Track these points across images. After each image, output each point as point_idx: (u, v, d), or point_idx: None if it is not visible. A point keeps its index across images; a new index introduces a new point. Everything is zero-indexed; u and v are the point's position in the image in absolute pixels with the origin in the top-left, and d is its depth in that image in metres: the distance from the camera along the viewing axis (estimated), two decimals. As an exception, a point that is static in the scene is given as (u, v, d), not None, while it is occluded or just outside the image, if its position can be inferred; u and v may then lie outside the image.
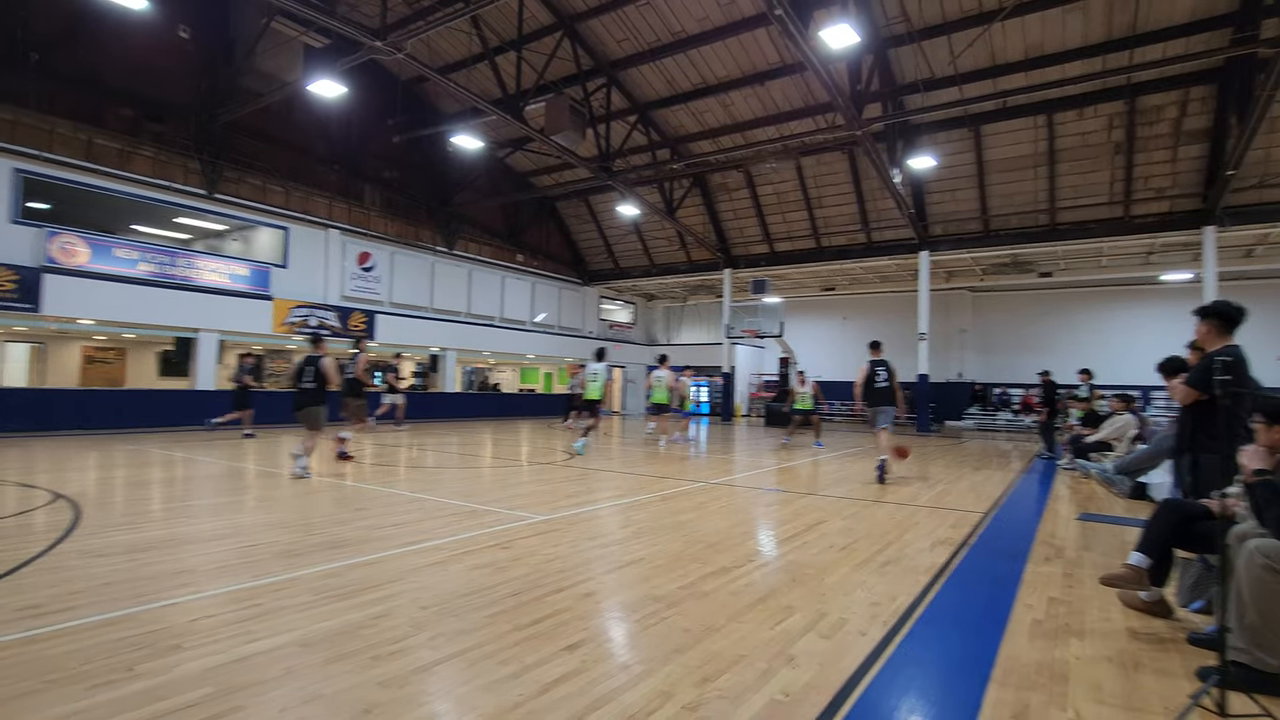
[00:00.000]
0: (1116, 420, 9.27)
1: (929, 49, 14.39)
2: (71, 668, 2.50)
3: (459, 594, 3.48)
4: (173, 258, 14.57)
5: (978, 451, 13.24)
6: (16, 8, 12.38)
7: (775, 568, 4.17)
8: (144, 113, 14.42)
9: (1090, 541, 5.16)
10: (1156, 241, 17.29)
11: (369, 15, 14.57)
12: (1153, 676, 2.68)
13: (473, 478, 8.01)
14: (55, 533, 4.64)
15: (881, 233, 20.23)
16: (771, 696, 2.39)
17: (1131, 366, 20.71)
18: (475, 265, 22.06)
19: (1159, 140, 15.36)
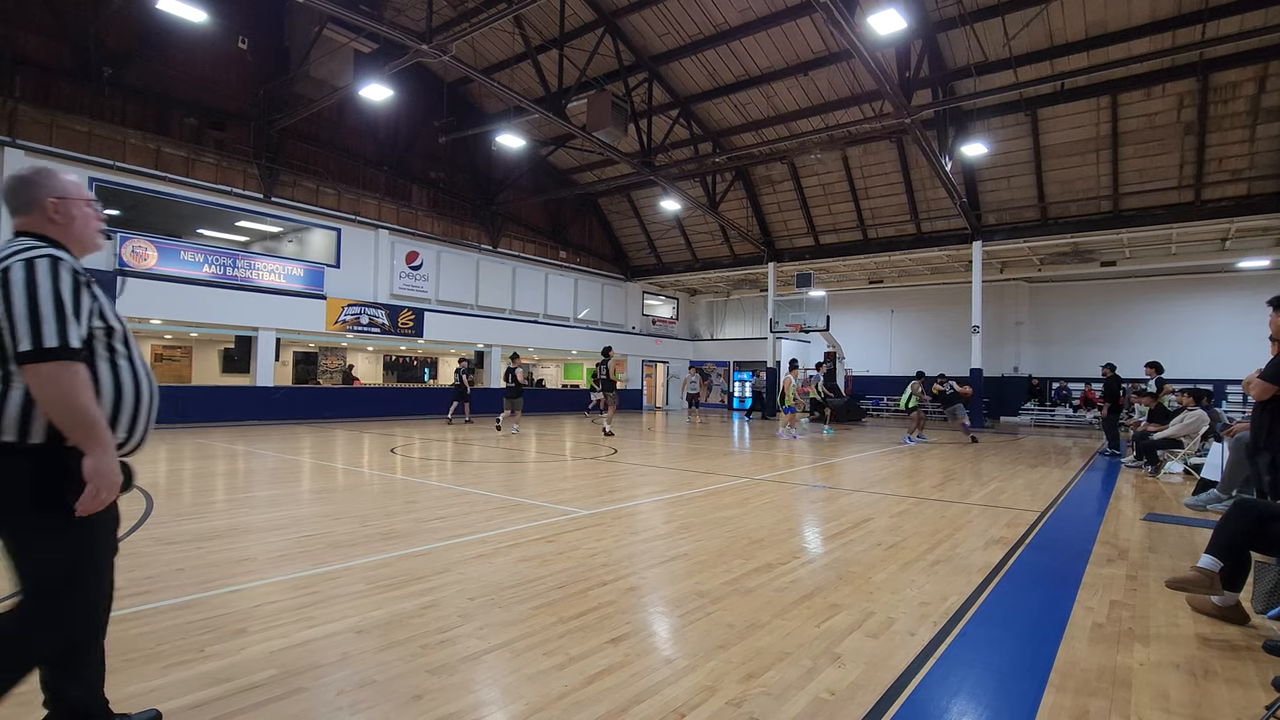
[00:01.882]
0: (1187, 416, 8.79)
1: (982, 31, 13.88)
2: (148, 648, 2.65)
3: (505, 586, 3.55)
4: (234, 259, 15.24)
5: (1034, 448, 12.76)
6: (90, 25, 13.11)
7: (820, 565, 4.12)
8: (207, 121, 15.10)
9: (1156, 543, 4.92)
10: (1232, 226, 16.29)
11: (415, 19, 14.90)
12: (1225, 685, 2.54)
13: (517, 472, 8.15)
14: (130, 521, 4.92)
15: (932, 223, 19.65)
16: (816, 694, 2.37)
17: (1203, 359, 19.68)
18: (519, 263, 22.37)
19: (1234, 119, 14.46)
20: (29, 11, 12.73)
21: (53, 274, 1.66)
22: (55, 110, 12.93)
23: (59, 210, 1.85)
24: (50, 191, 1.84)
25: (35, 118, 12.72)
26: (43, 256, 1.67)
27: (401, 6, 14.62)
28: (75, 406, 1.62)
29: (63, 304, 1.65)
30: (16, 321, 1.60)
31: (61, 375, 1.61)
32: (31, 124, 12.67)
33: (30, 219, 1.83)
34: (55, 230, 1.85)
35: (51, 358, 1.60)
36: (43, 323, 1.60)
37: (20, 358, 1.60)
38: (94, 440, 1.66)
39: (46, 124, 12.87)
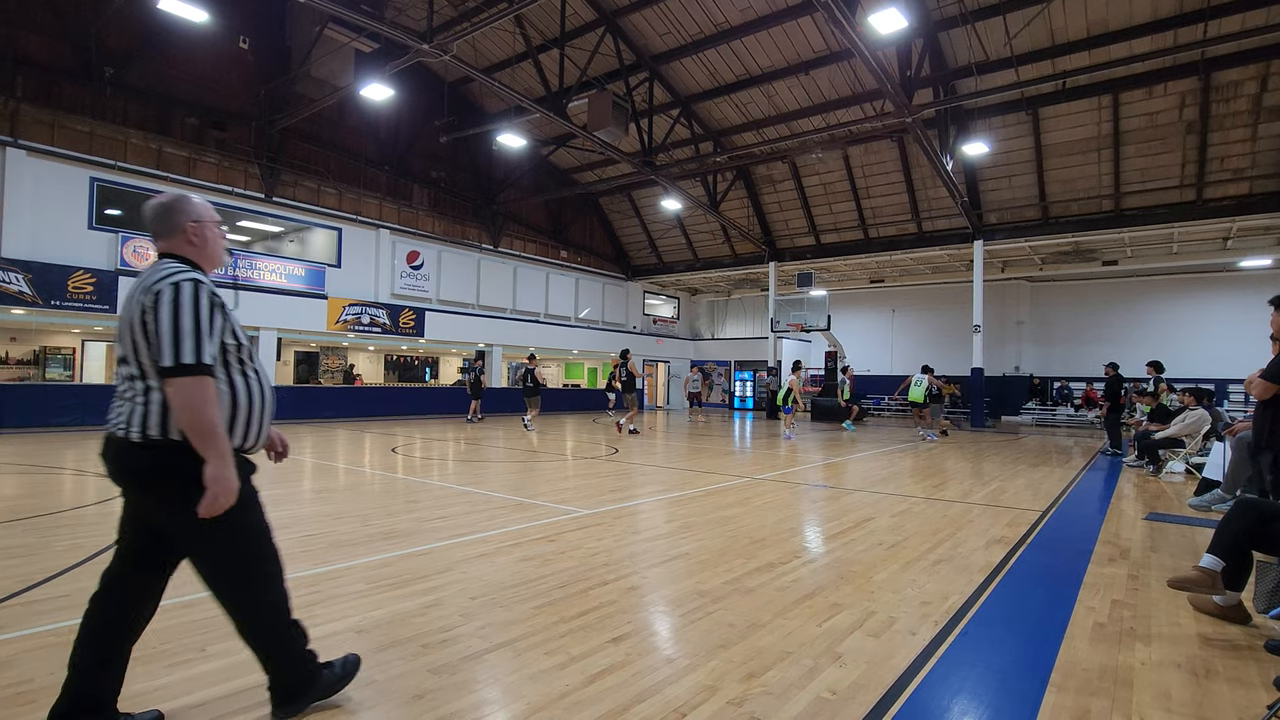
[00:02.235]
0: (1188, 416, 8.78)
1: (983, 30, 13.86)
2: (152, 646, 2.66)
3: (506, 585, 3.55)
4: (235, 259, 15.25)
5: (1036, 447, 12.76)
6: (92, 25, 13.12)
7: (822, 564, 4.12)
8: (208, 121, 15.12)
9: (1158, 542, 4.92)
10: (1234, 226, 16.27)
11: (416, 19, 14.91)
12: (1227, 685, 2.54)
13: (519, 471, 8.15)
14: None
15: (933, 222, 19.64)
16: (818, 694, 2.37)
17: (1204, 358, 19.66)
18: (520, 262, 22.38)
19: (1236, 118, 14.43)
20: (30, 12, 12.74)
21: (194, 297, 1.88)
22: (57, 110, 12.94)
23: (196, 234, 2.08)
24: (189, 217, 2.07)
25: (37, 118, 12.74)
26: (187, 281, 1.90)
27: (402, 6, 14.63)
28: (202, 417, 1.85)
29: (200, 324, 1.87)
30: (162, 338, 1.83)
31: (194, 388, 1.84)
32: (33, 124, 12.69)
33: (172, 242, 2.05)
34: (192, 252, 2.07)
35: (187, 373, 1.83)
36: (182, 341, 1.83)
37: (161, 372, 1.84)
38: (214, 450, 1.87)
39: (48, 124, 12.89)
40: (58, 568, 3.71)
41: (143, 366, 1.90)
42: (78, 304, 12.68)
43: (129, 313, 1.91)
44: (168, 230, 2.05)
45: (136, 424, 1.89)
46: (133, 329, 1.89)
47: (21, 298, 12.03)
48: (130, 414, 1.91)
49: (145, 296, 1.88)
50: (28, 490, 6.18)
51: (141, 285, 1.92)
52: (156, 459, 1.90)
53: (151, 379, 1.89)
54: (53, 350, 17.27)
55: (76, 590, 3.34)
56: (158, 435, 1.88)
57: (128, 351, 1.92)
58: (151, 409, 1.89)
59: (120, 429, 1.91)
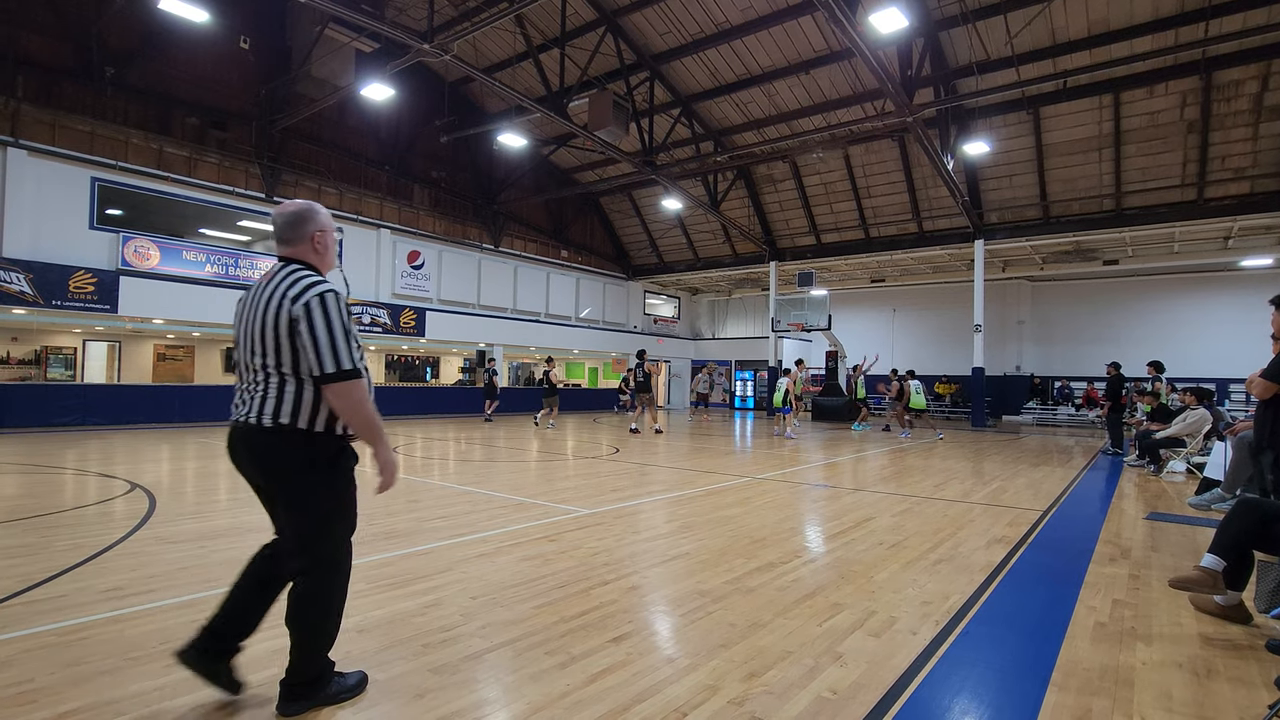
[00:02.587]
0: (1189, 415, 8.78)
1: (984, 29, 13.86)
2: (152, 646, 2.66)
3: (507, 585, 3.55)
4: (236, 259, 15.26)
5: (1037, 447, 12.75)
6: (93, 25, 13.12)
7: (822, 564, 4.12)
8: (209, 121, 15.12)
9: (1159, 542, 4.92)
10: (1235, 225, 16.25)
11: (416, 19, 14.91)
12: (1228, 685, 2.54)
13: (519, 471, 8.15)
14: (133, 520, 4.93)
15: (934, 222, 19.63)
16: (818, 694, 2.37)
17: (1205, 358, 19.64)
18: (520, 262, 22.38)
19: (1237, 117, 14.42)
20: (31, 12, 12.75)
21: (339, 309, 2.07)
22: (58, 110, 12.95)
23: (320, 242, 2.26)
24: (317, 226, 2.24)
25: (38, 118, 12.75)
26: (330, 293, 2.09)
27: (403, 6, 14.63)
28: (364, 414, 2.09)
29: (347, 332, 2.08)
30: (320, 348, 2.03)
31: (354, 390, 2.06)
32: (34, 124, 12.70)
33: (299, 249, 2.22)
34: (315, 258, 2.25)
35: (346, 377, 2.05)
36: (338, 350, 2.04)
37: (323, 379, 2.04)
38: (378, 439, 2.13)
39: (49, 124, 12.90)
40: (59, 567, 3.71)
41: (280, 365, 2.09)
42: (79, 304, 12.69)
43: (268, 317, 2.07)
44: (297, 238, 2.21)
45: (269, 412, 2.08)
46: (276, 334, 2.06)
47: (23, 297, 12.04)
48: (262, 404, 2.10)
49: (294, 307, 2.04)
50: (29, 490, 6.19)
51: (281, 294, 2.08)
52: (284, 439, 2.09)
53: (288, 374, 2.09)
54: (54, 350, 17.28)
55: (77, 590, 3.34)
56: (287, 422, 2.08)
57: (266, 352, 2.09)
58: (284, 400, 2.08)
59: (252, 418, 2.10)
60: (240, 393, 2.18)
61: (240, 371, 2.19)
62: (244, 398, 2.15)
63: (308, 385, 2.10)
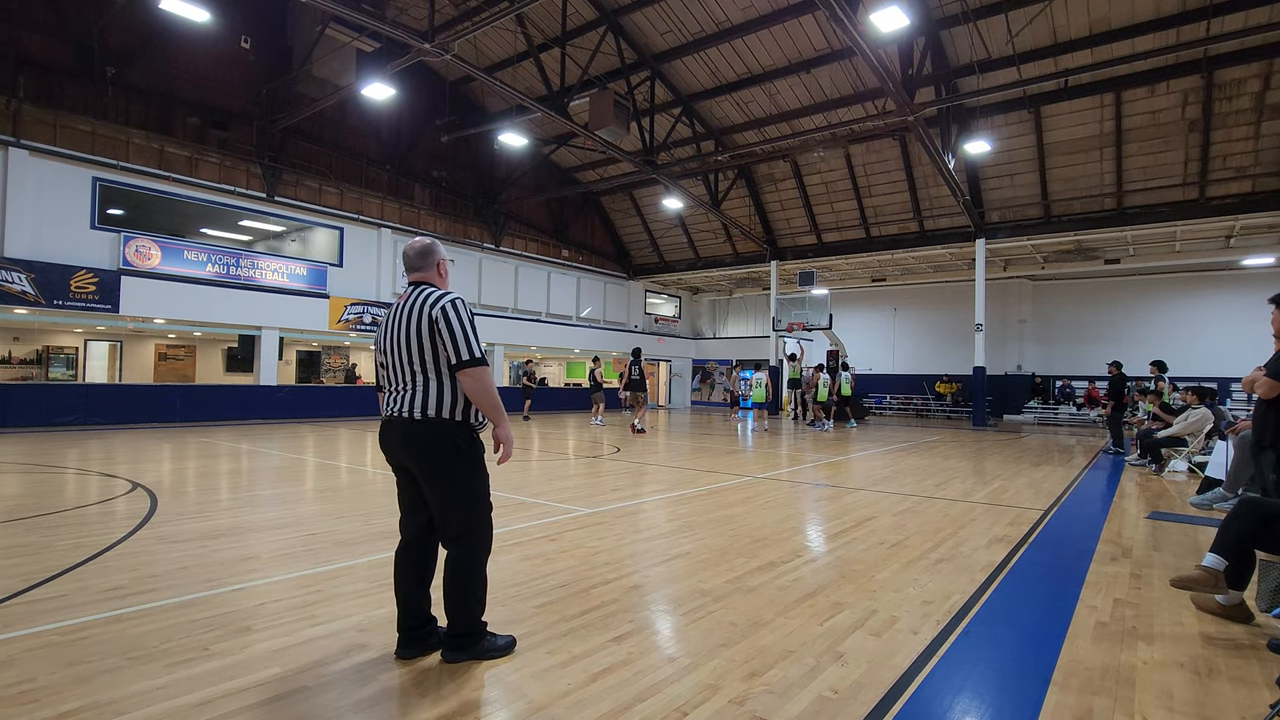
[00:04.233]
0: (1191, 415, 8.77)
1: (985, 29, 13.85)
2: (152, 646, 2.66)
3: (508, 584, 3.55)
4: (237, 259, 15.27)
5: (1038, 446, 12.74)
6: (94, 25, 13.13)
7: (823, 564, 4.11)
8: (210, 121, 15.13)
9: (1160, 541, 4.91)
10: (1237, 224, 16.24)
11: (417, 19, 14.92)
12: (1229, 684, 2.53)
13: (521, 470, 8.15)
14: (135, 519, 4.94)
15: (935, 221, 19.62)
16: (819, 693, 2.37)
17: (1207, 357, 19.61)
18: (521, 261, 22.38)
19: (1239, 116, 14.40)
20: (33, 12, 12.76)
21: (467, 310, 2.56)
22: (59, 110, 12.96)
23: (443, 269, 2.77)
24: (440, 256, 2.75)
25: (39, 118, 12.76)
26: (459, 298, 2.57)
27: (404, 5, 14.64)
28: (491, 395, 2.53)
29: (474, 329, 2.54)
30: (457, 341, 2.48)
31: (483, 376, 2.50)
32: (35, 124, 12.71)
33: (428, 275, 2.71)
34: (440, 281, 2.73)
35: (476, 364, 2.48)
36: (471, 342, 2.50)
37: (459, 365, 2.48)
38: (502, 417, 2.58)
39: (50, 124, 12.90)
40: (60, 567, 3.72)
41: (424, 366, 2.53)
42: (80, 304, 12.70)
43: (413, 324, 2.52)
44: (427, 265, 2.71)
45: (419, 406, 2.51)
46: (420, 338, 2.51)
47: (24, 297, 12.05)
48: (412, 400, 2.53)
49: (434, 311, 2.50)
50: (30, 489, 6.19)
51: (421, 305, 2.53)
52: (433, 428, 2.50)
53: (430, 375, 2.53)
54: (55, 350, 17.30)
55: (78, 589, 3.35)
56: (434, 413, 2.50)
57: (411, 356, 2.54)
58: (430, 395, 2.52)
59: (405, 412, 2.53)
60: (391, 394, 2.63)
61: (390, 376, 2.64)
62: (395, 398, 2.60)
63: (448, 382, 2.52)
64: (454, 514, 2.53)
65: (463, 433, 2.54)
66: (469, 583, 2.54)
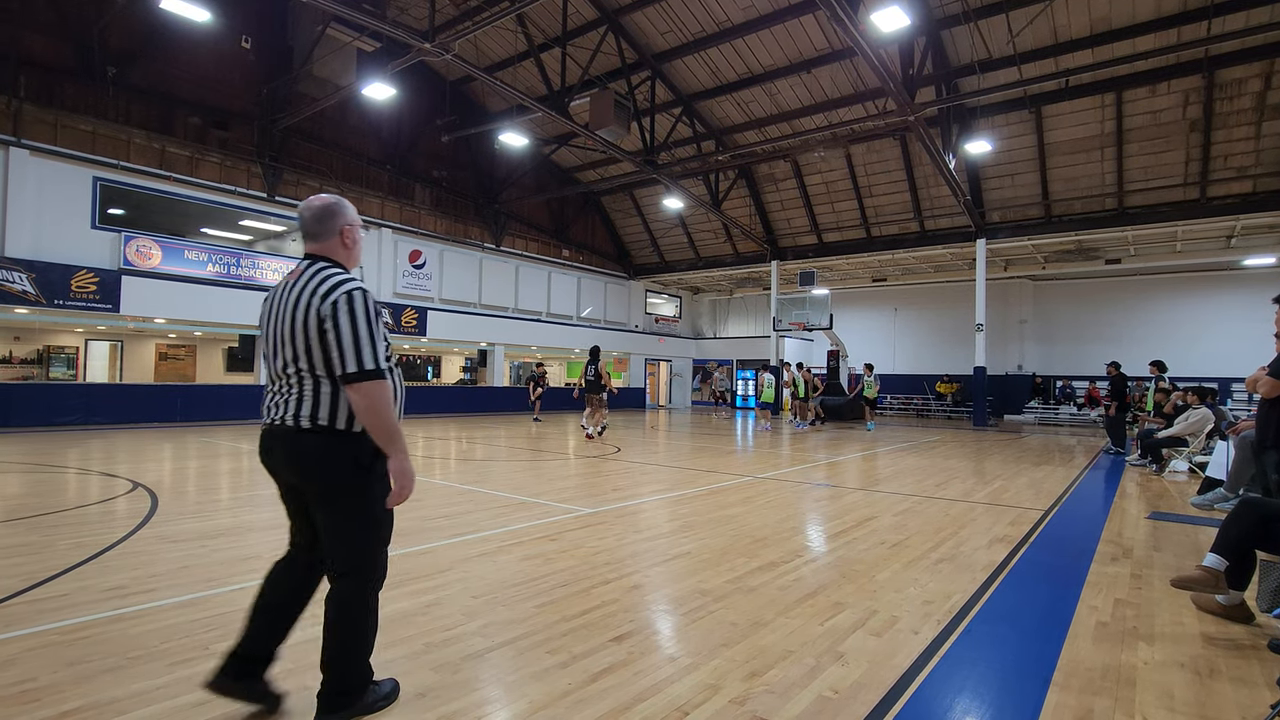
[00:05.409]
0: (1191, 415, 8.76)
1: (985, 28, 13.84)
2: (153, 645, 2.66)
3: (509, 584, 3.56)
4: (237, 259, 15.28)
5: (1038, 446, 12.74)
6: (95, 25, 13.14)
7: (824, 564, 4.11)
8: (211, 121, 15.13)
9: (1161, 542, 4.91)
10: (1237, 224, 16.23)
11: (417, 18, 14.92)
12: (1230, 684, 2.53)
13: (521, 470, 8.15)
14: (135, 519, 4.94)
15: (936, 221, 19.61)
16: (820, 693, 2.37)
17: (1208, 357, 19.61)
18: (522, 261, 22.38)
19: (1240, 116, 14.39)
20: (34, 12, 12.76)
21: (366, 307, 2.01)
22: (60, 110, 12.96)
23: (350, 237, 2.18)
24: (346, 220, 2.17)
25: (40, 117, 12.76)
26: (358, 290, 2.02)
27: (404, 5, 14.64)
28: (385, 417, 2.01)
29: (373, 332, 2.01)
30: (344, 346, 1.96)
31: (374, 391, 1.98)
32: (36, 124, 12.71)
33: (327, 244, 2.15)
34: (344, 254, 2.17)
35: (369, 377, 1.97)
36: (362, 349, 1.97)
37: (346, 378, 1.97)
38: (396, 446, 2.04)
39: (51, 124, 12.91)
40: (61, 566, 3.72)
41: (313, 366, 2.03)
42: (81, 303, 12.71)
43: (298, 317, 2.01)
44: (326, 232, 2.14)
45: (307, 414, 2.03)
46: (306, 333, 2.00)
47: (25, 297, 12.06)
48: (298, 405, 2.04)
49: (322, 304, 1.99)
50: (31, 489, 6.20)
51: (310, 291, 2.02)
52: (325, 441, 2.04)
53: (322, 375, 2.03)
54: (56, 349, 17.31)
55: (79, 589, 3.35)
56: (326, 423, 2.03)
57: (296, 352, 2.03)
58: (321, 399, 2.04)
59: (289, 419, 2.04)
60: (273, 395, 2.12)
61: (272, 374, 2.14)
62: (278, 400, 2.10)
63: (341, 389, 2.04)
64: (345, 544, 2.10)
65: (365, 445, 2.06)
66: (357, 625, 2.10)
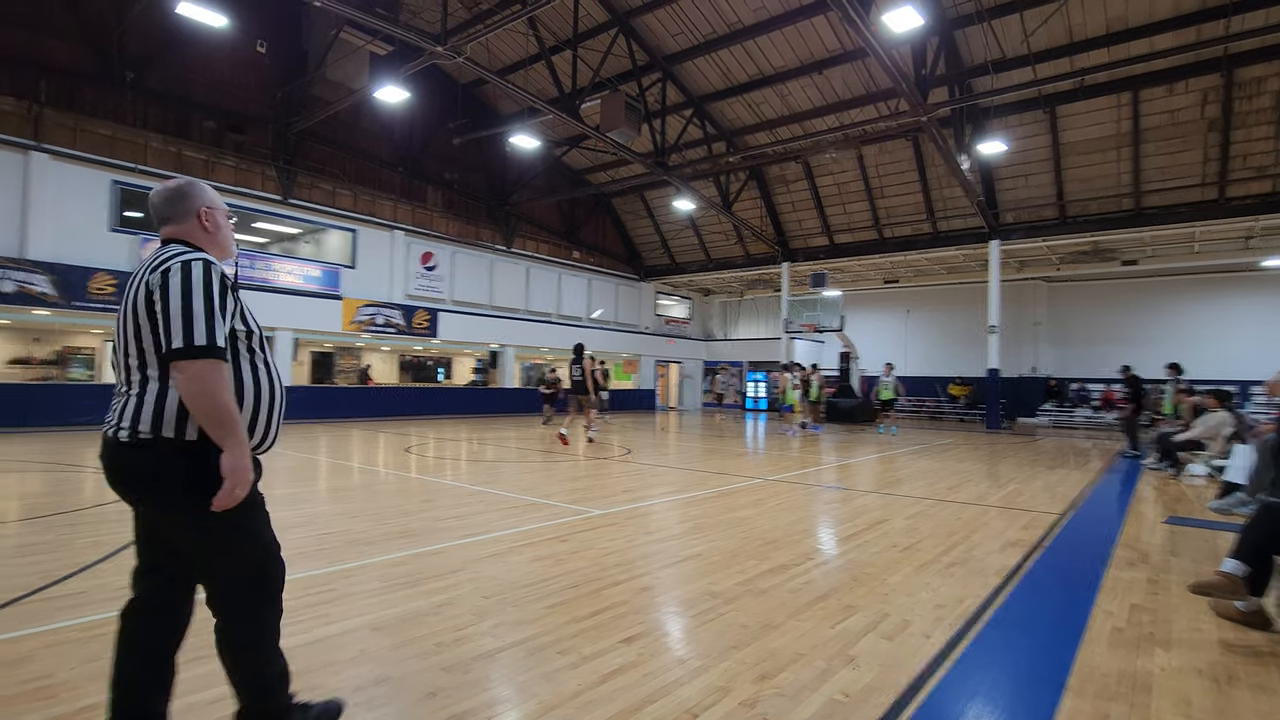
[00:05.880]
0: (1210, 418, 8.63)
1: (1000, 28, 13.73)
2: (167, 643, 2.69)
3: (519, 585, 3.57)
4: (252, 261, 15.44)
5: (1053, 449, 12.60)
6: (113, 31, 13.34)
7: (835, 566, 4.09)
8: (226, 124, 15.31)
9: (1179, 546, 4.84)
10: (1257, 224, 15.98)
11: (430, 22, 14.99)
12: (1248, 692, 2.49)
13: (531, 471, 8.18)
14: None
15: (949, 222, 19.47)
16: (831, 696, 2.36)
17: (1226, 360, 19.31)
18: (533, 263, 22.45)
19: (1260, 115, 14.18)
20: (54, 18, 12.98)
21: (205, 277, 1.74)
22: (79, 114, 13.17)
23: (209, 219, 1.97)
24: (202, 202, 1.96)
25: (60, 121, 12.97)
26: (197, 260, 1.77)
27: (417, 9, 14.73)
28: (217, 402, 1.69)
29: (212, 305, 1.73)
30: (171, 320, 1.68)
31: (207, 372, 1.68)
32: (56, 128, 12.92)
33: (181, 228, 1.93)
34: (204, 239, 1.96)
35: (199, 355, 1.67)
36: (194, 322, 1.68)
37: (171, 354, 1.67)
38: (232, 436, 1.73)
39: (71, 128, 13.11)
40: (79, 564, 3.77)
41: (143, 354, 1.75)
42: (98, 304, 12.89)
43: (130, 301, 1.76)
44: (179, 215, 1.92)
45: (127, 421, 1.73)
46: (136, 312, 1.74)
47: (45, 299, 12.26)
48: (123, 411, 1.75)
49: (152, 275, 1.73)
50: (50, 488, 6.29)
51: (148, 266, 1.77)
52: (149, 460, 1.72)
53: (151, 369, 1.74)
54: (74, 350, 17.56)
55: (96, 586, 3.39)
56: (149, 431, 1.71)
57: (128, 342, 1.77)
58: (146, 403, 1.73)
59: (112, 428, 1.76)
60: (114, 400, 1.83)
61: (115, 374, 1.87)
62: (113, 405, 1.81)
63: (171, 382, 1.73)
64: (220, 578, 1.84)
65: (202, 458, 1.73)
66: (260, 661, 1.90)
